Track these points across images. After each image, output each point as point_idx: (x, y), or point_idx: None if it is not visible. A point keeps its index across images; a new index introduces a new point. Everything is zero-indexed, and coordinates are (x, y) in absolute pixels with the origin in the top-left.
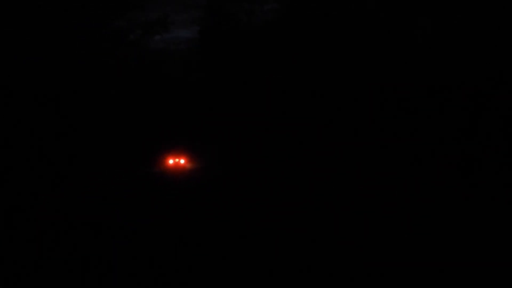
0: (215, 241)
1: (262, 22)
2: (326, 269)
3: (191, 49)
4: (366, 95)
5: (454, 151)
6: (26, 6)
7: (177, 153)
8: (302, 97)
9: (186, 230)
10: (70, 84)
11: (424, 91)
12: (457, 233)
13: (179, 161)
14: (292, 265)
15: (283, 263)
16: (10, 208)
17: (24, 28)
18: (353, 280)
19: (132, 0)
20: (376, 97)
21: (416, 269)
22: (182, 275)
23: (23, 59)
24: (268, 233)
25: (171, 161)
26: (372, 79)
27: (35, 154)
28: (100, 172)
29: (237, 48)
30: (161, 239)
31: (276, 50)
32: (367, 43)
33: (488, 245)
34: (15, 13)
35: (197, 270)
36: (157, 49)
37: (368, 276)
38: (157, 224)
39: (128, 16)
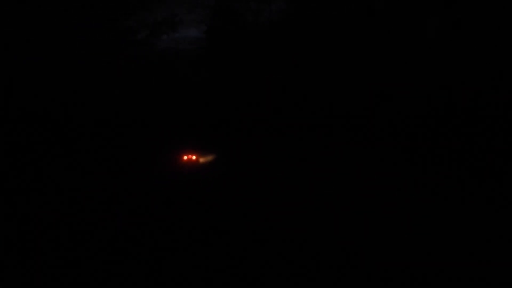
0: (218, 236)
1: (269, 22)
2: (326, 269)
3: (199, 48)
4: (372, 95)
5: (454, 151)
6: (32, 6)
7: (189, 150)
8: (308, 97)
9: (198, 220)
10: (78, 84)
11: (427, 91)
12: (457, 233)
13: (191, 157)
14: (292, 264)
15: (284, 261)
16: (18, 207)
17: (29, 29)
18: (353, 280)
19: (140, 1)
20: (380, 97)
21: (416, 269)
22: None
23: (28, 59)
24: (269, 229)
25: (185, 157)
26: (377, 79)
27: (50, 154)
28: (121, 170)
29: (244, 48)
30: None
31: (283, 50)
32: (374, 43)
33: (488, 245)
34: (21, 14)
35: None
36: (164, 48)
37: (368, 276)
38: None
39: (136, 16)
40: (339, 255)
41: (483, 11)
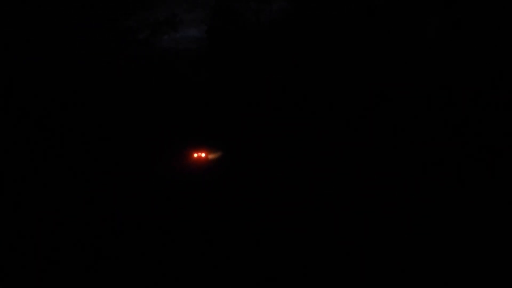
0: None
1: (270, 22)
2: (326, 269)
3: (199, 48)
4: (372, 95)
5: (455, 151)
6: (32, 6)
7: (198, 148)
8: (309, 97)
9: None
10: (79, 84)
11: (427, 91)
12: (457, 233)
13: (200, 154)
14: (292, 264)
15: (283, 261)
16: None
17: (29, 29)
18: (353, 280)
19: (140, 0)
20: (380, 97)
21: (416, 269)
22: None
23: (30, 59)
24: (270, 228)
25: (195, 155)
26: (377, 79)
27: (62, 155)
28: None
29: (244, 48)
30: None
31: (284, 50)
32: (374, 43)
33: (488, 245)
34: (21, 14)
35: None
36: (165, 48)
37: (368, 276)
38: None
39: (137, 16)
40: (339, 255)
41: (483, 11)
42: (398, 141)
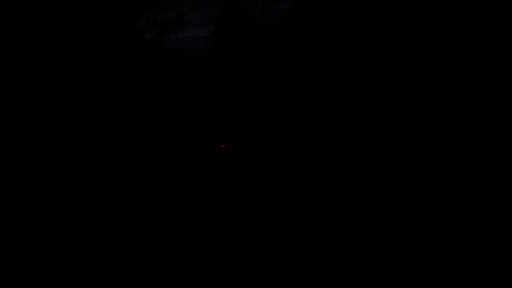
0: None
1: (277, 21)
2: (326, 269)
3: (207, 47)
4: (376, 95)
5: (454, 151)
6: (41, 5)
7: (224, 140)
8: (315, 96)
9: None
10: (88, 83)
11: (432, 91)
12: (457, 233)
13: (227, 145)
14: (293, 264)
15: (284, 261)
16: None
17: (39, 27)
18: (353, 280)
19: (149, 0)
20: (388, 97)
21: (416, 269)
22: None
23: (40, 58)
24: (270, 228)
25: (223, 146)
26: (382, 78)
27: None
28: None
29: (252, 47)
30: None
31: (291, 49)
32: (380, 43)
33: (488, 246)
34: (30, 12)
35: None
36: (173, 48)
37: (368, 276)
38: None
39: (145, 16)
40: (339, 254)
41: (489, 11)
42: (399, 141)
